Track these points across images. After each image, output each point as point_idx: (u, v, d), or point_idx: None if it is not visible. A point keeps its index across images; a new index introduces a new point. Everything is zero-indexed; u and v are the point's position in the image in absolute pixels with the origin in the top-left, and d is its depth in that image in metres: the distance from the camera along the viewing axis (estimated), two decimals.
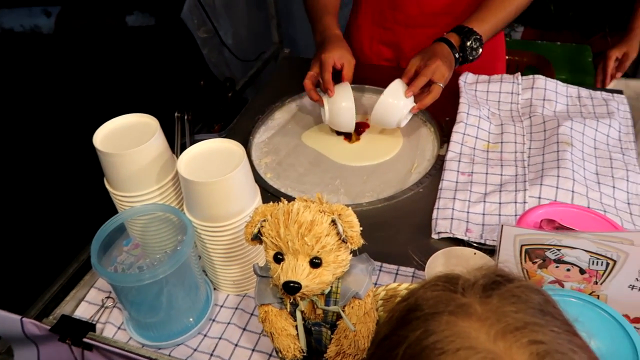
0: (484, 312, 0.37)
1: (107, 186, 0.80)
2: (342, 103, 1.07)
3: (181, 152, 0.75)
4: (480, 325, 0.36)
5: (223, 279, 0.82)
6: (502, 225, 0.59)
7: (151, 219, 0.78)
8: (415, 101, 1.05)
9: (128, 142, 0.76)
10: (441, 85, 1.03)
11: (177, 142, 1.17)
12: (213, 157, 0.75)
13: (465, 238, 0.88)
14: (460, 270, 0.42)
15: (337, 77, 1.12)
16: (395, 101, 1.05)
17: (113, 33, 2.00)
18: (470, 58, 1.08)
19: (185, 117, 1.21)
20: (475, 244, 0.87)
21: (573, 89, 1.15)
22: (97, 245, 0.72)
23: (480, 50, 1.08)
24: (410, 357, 0.37)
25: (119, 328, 0.80)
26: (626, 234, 0.56)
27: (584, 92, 1.15)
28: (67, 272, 0.92)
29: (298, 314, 0.63)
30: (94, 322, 0.81)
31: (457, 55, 1.06)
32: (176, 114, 1.20)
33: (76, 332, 0.74)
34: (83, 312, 0.83)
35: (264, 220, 0.60)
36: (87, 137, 0.78)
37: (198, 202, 0.73)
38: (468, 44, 1.05)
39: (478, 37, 1.06)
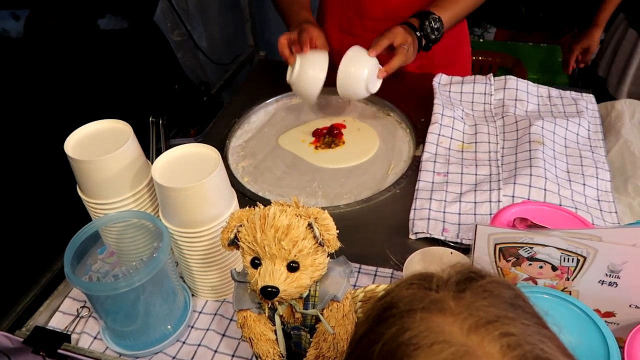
0: (457, 307, 0.38)
1: (80, 194, 0.79)
2: (313, 69, 1.05)
3: (156, 158, 0.75)
4: (454, 320, 0.37)
5: (201, 285, 0.82)
6: (477, 225, 0.60)
7: (126, 226, 0.77)
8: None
9: (101, 148, 0.75)
10: (405, 47, 1.05)
11: (152, 147, 1.16)
12: (188, 162, 0.75)
13: (442, 238, 0.89)
14: (435, 269, 0.43)
15: None
16: (354, 67, 1.04)
17: (85, 37, 1.95)
18: (432, 37, 1.10)
19: (160, 121, 1.19)
20: (452, 244, 0.88)
21: (544, 89, 1.18)
22: (70, 254, 0.70)
23: (442, 30, 1.10)
24: (386, 354, 0.37)
25: (95, 338, 0.79)
26: (595, 230, 0.58)
27: (554, 91, 1.17)
28: (40, 282, 0.89)
29: (277, 319, 0.62)
30: (69, 333, 0.79)
31: (418, 34, 1.09)
32: (151, 119, 1.19)
33: (50, 343, 0.73)
34: (57, 322, 0.82)
35: (240, 226, 0.59)
36: (59, 144, 0.76)
37: (174, 208, 0.72)
38: (426, 23, 1.09)
39: (436, 17, 1.09)
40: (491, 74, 1.20)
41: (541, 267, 0.62)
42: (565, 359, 0.38)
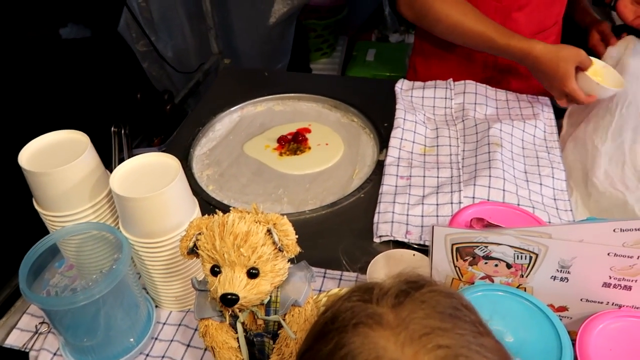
0: (395, 320, 0.38)
1: (36, 206, 0.77)
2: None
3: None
4: (390, 334, 0.37)
5: (164, 296, 0.81)
6: (433, 227, 0.61)
7: (85, 238, 0.76)
8: None
9: (57, 159, 0.73)
10: None
11: (115, 157, 1.14)
12: (148, 172, 0.74)
13: (406, 240, 0.91)
14: (379, 279, 0.43)
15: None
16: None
17: (46, 46, 1.91)
18: None
19: (123, 131, 1.18)
20: (415, 246, 0.90)
21: (501, 93, 1.21)
22: (25, 270, 0.68)
23: None
24: None
25: (54, 354, 0.77)
26: (545, 228, 0.60)
27: (511, 95, 1.21)
28: None
29: (239, 326, 0.62)
30: (27, 350, 0.77)
31: None
32: (112, 129, 1.17)
33: None
34: (15, 340, 0.79)
35: (200, 234, 0.59)
36: (14, 156, 0.74)
37: (133, 218, 0.71)
38: None
39: None
40: (451, 79, 1.23)
41: (496, 265, 0.63)
42: None
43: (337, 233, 0.95)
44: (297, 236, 0.59)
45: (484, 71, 1.24)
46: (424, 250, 0.86)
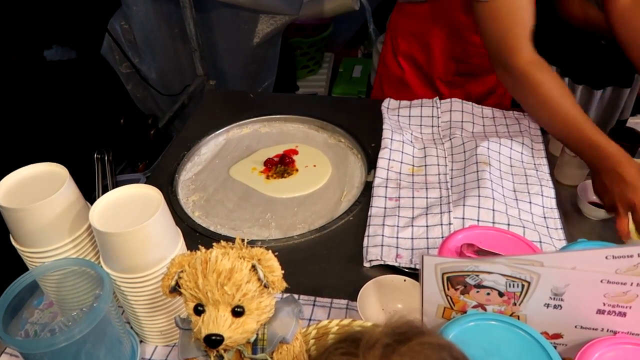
0: None
1: (14, 243, 0.74)
2: None
3: (102, 195, 0.72)
4: None
5: (149, 331, 0.78)
6: (423, 256, 0.60)
7: (65, 274, 0.73)
8: None
9: (34, 194, 0.71)
10: None
11: (98, 184, 1.12)
12: (129, 204, 0.72)
13: (396, 264, 0.89)
14: (366, 328, 0.41)
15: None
16: None
17: (30, 68, 1.89)
18: None
19: (106, 157, 1.16)
20: (406, 269, 0.88)
21: (487, 110, 1.21)
22: (2, 311, 0.65)
23: None
24: None
25: None
26: (536, 256, 0.59)
27: (498, 112, 1.21)
28: None
29: None
30: None
31: None
32: (95, 155, 1.15)
33: None
34: None
35: (182, 271, 0.57)
36: None
37: (114, 253, 0.69)
38: None
39: None
40: (437, 97, 1.23)
41: (488, 293, 0.62)
42: None
43: (327, 258, 0.93)
44: (283, 271, 0.57)
45: (446, 75, 1.28)
46: (415, 274, 0.85)
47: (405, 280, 0.81)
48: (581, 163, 0.99)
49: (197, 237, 0.98)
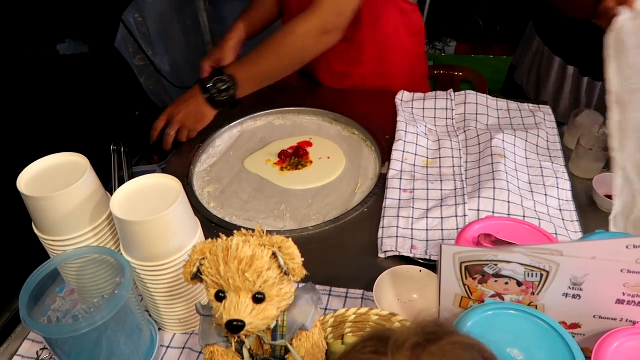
0: None
1: (36, 231, 0.76)
2: None
3: (119, 186, 0.73)
4: None
5: (168, 319, 0.79)
6: (441, 245, 0.60)
7: (86, 262, 0.74)
8: None
9: (56, 183, 0.72)
10: None
11: (114, 176, 1.13)
12: (149, 194, 0.73)
13: (411, 255, 0.89)
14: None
15: None
16: None
17: (44, 63, 1.90)
18: (221, 98, 1.14)
19: (122, 149, 1.17)
20: (421, 260, 0.88)
21: (502, 103, 1.21)
22: (26, 297, 0.67)
23: (232, 90, 1.13)
24: None
25: None
26: (555, 245, 0.59)
27: (513, 104, 1.20)
28: None
29: (245, 352, 0.61)
30: None
31: (206, 96, 1.14)
32: (112, 147, 1.16)
33: None
34: None
35: (203, 259, 0.58)
36: (13, 180, 0.73)
37: (134, 241, 0.70)
38: (217, 85, 1.13)
39: (225, 78, 1.13)
40: (451, 90, 1.22)
41: (507, 283, 0.62)
42: None
43: (342, 249, 0.94)
44: (302, 259, 0.58)
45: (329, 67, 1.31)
46: (430, 265, 0.85)
47: (421, 271, 0.82)
48: (596, 156, 0.98)
49: (213, 227, 0.99)
